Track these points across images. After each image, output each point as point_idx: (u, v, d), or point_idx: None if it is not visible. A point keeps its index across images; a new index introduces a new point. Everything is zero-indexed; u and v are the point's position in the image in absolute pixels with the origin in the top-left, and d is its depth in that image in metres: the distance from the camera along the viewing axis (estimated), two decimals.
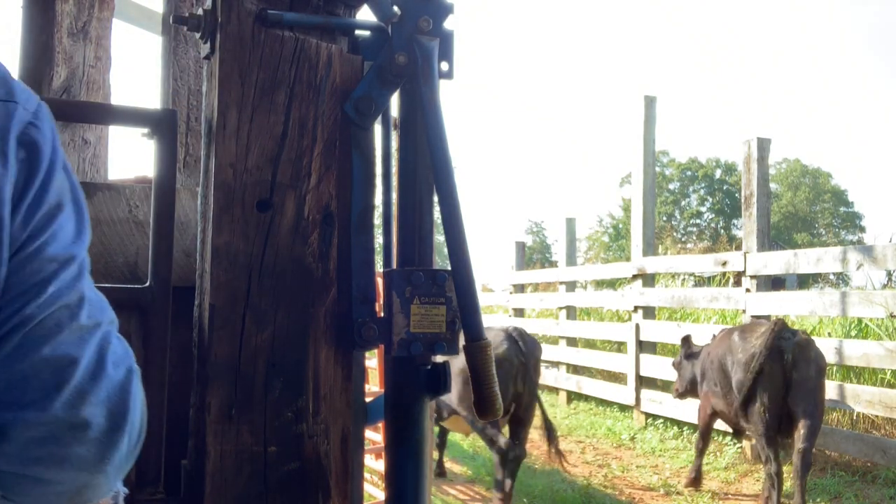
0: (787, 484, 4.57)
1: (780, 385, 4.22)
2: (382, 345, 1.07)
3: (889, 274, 8.44)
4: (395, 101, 1.14)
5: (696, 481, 5.15)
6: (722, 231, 43.90)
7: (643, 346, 7.56)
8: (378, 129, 1.16)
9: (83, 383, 0.65)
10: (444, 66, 1.11)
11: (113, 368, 0.68)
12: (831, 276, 20.68)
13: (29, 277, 0.64)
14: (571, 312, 9.46)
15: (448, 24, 1.11)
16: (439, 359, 1.11)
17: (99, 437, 0.66)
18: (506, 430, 4.60)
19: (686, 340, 5.51)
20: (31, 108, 0.65)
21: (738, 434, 5.30)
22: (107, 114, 1.39)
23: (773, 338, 4.27)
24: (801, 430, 4.23)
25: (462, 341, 1.04)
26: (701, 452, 5.22)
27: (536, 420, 4.63)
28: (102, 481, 0.69)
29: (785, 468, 4.60)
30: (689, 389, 5.38)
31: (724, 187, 46.35)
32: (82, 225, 0.70)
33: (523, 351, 4.44)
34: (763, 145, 6.16)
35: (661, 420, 7.18)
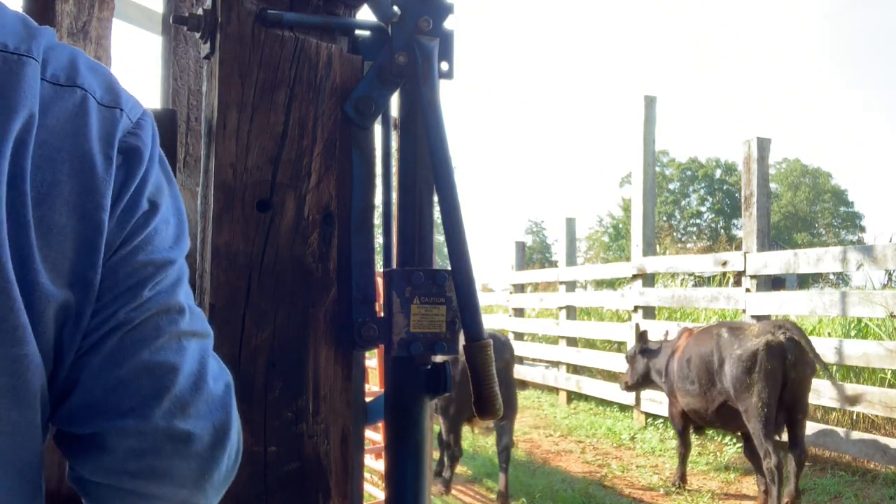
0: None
1: (779, 383, 4.36)
2: (382, 345, 1.07)
3: (889, 274, 8.44)
4: (394, 101, 1.14)
5: (682, 487, 5.20)
6: (722, 231, 43.89)
7: None
8: (378, 128, 1.16)
9: (184, 393, 0.62)
10: (444, 65, 1.11)
11: (213, 382, 0.65)
12: (831, 276, 20.68)
13: (124, 280, 0.62)
14: (571, 312, 9.46)
15: (448, 23, 1.11)
16: (439, 358, 1.11)
17: (201, 453, 0.63)
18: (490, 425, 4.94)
19: (642, 336, 5.72)
20: (135, 116, 0.65)
21: (700, 431, 5.45)
22: None
23: (802, 335, 4.46)
24: (796, 428, 4.42)
25: (462, 341, 1.04)
26: (683, 458, 5.27)
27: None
28: (202, 500, 0.65)
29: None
30: (640, 383, 5.69)
31: (724, 187, 46.33)
32: (181, 232, 0.69)
33: None
34: (763, 145, 6.16)
35: (661, 420, 7.18)
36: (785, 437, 4.53)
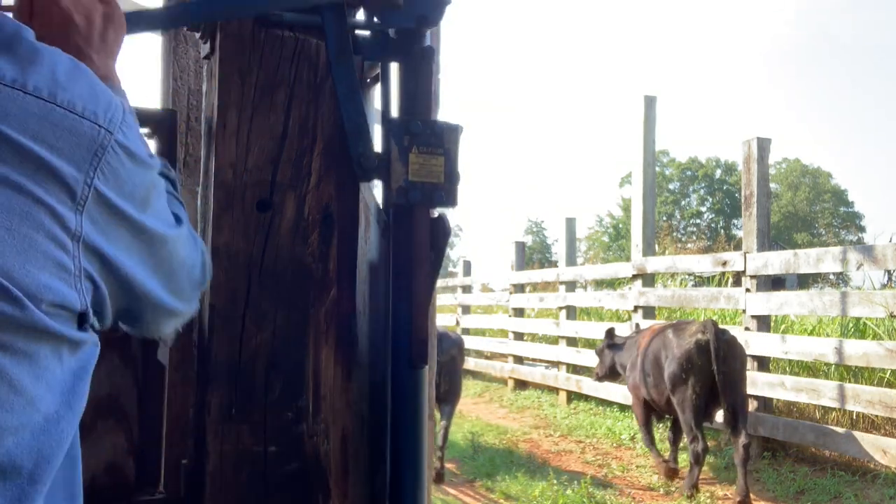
0: (729, 473, 4.83)
1: (710, 377, 4.83)
2: (381, 180, 1.07)
3: (889, 274, 8.44)
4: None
5: (670, 472, 5.37)
6: (722, 231, 43.86)
7: None
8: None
9: None
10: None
11: None
12: (831, 276, 20.66)
13: None
14: (571, 312, 9.46)
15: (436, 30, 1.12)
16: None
17: None
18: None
19: (609, 332, 6.30)
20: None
21: (660, 418, 5.87)
22: None
23: (715, 337, 4.92)
24: (737, 417, 4.83)
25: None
26: (651, 444, 5.56)
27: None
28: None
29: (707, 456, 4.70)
30: (608, 374, 6.24)
31: (724, 187, 46.29)
32: None
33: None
34: (763, 145, 6.16)
35: (661, 420, 7.18)
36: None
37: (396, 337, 1.11)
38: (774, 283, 6.17)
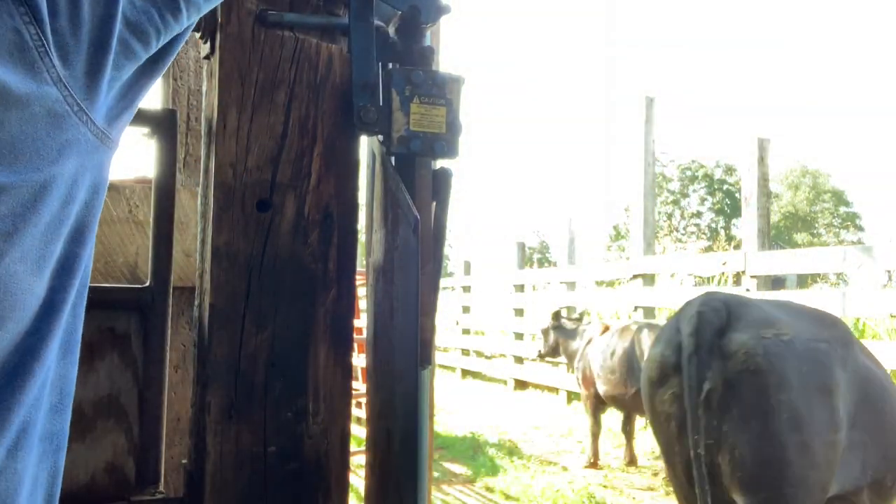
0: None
1: None
2: (382, 133, 1.06)
3: (889, 274, 8.43)
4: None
5: (595, 465, 5.78)
6: (722, 231, 43.83)
7: None
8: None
9: None
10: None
11: None
12: (831, 276, 20.66)
13: None
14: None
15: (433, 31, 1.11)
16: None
17: None
18: None
19: (557, 315, 6.69)
20: None
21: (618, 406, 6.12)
22: None
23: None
24: None
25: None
26: (596, 437, 5.95)
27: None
28: None
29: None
30: (550, 353, 6.70)
31: (724, 187, 46.25)
32: None
33: None
34: (763, 145, 6.16)
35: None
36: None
37: (402, 335, 1.11)
38: (774, 283, 6.19)
